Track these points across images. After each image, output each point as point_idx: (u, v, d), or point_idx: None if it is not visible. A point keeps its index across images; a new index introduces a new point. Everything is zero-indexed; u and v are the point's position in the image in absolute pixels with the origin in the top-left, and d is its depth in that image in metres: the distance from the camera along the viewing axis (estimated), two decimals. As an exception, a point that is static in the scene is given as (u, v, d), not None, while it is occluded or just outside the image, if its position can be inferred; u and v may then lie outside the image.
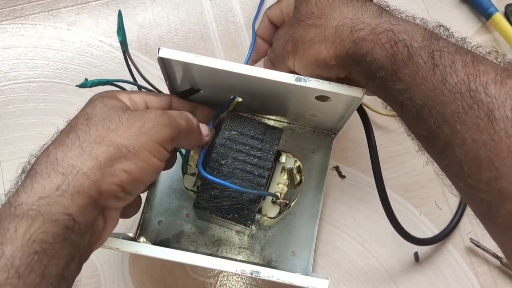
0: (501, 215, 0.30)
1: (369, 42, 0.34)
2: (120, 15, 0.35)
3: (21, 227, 0.26)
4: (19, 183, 0.29)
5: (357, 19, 0.34)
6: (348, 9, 0.35)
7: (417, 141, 0.35)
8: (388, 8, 0.37)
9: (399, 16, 0.35)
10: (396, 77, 0.33)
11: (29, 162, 0.31)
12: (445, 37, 0.34)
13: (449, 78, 0.31)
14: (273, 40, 0.41)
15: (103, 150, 0.29)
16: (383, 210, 0.42)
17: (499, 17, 0.55)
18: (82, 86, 0.36)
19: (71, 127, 0.31)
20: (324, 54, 0.36)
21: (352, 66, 0.36)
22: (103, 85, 0.37)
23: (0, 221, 0.27)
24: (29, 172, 0.29)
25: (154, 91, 0.39)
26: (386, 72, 0.33)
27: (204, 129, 0.39)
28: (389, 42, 0.33)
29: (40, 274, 0.26)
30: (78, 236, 0.28)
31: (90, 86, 0.36)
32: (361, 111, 0.43)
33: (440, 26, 0.35)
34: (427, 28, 0.33)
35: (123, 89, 0.38)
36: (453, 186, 0.34)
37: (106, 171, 0.29)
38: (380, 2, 0.37)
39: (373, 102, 0.50)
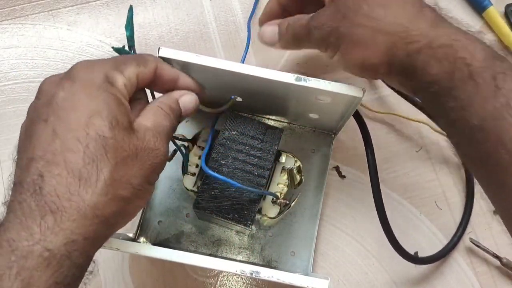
0: None
1: (424, 55, 0.32)
2: (130, 9, 0.36)
3: (48, 270, 0.26)
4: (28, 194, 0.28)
5: (412, 28, 0.32)
6: (404, 14, 0.33)
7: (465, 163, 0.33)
8: (442, 13, 0.34)
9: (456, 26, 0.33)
10: (450, 95, 0.31)
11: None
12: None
13: None
14: (312, 25, 0.37)
15: (124, 193, 0.30)
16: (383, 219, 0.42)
17: (492, 10, 0.55)
18: (117, 50, 0.36)
19: (86, 153, 0.29)
20: (373, 61, 0.34)
21: (400, 76, 0.34)
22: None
23: (26, 258, 0.26)
24: (46, 201, 0.27)
25: (141, 57, 0.36)
26: (440, 88, 0.32)
27: (188, 101, 0.37)
28: (448, 59, 0.31)
29: None
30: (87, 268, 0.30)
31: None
32: (357, 116, 0.43)
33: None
34: (489, 46, 0.31)
35: (123, 52, 0.37)
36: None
37: (124, 211, 0.31)
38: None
39: (369, 101, 0.50)
